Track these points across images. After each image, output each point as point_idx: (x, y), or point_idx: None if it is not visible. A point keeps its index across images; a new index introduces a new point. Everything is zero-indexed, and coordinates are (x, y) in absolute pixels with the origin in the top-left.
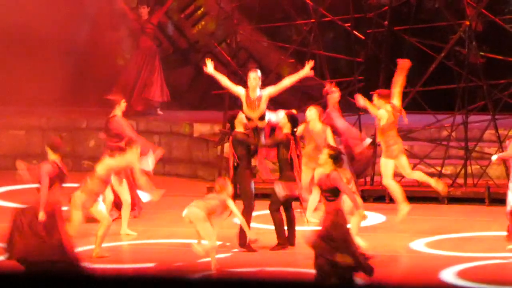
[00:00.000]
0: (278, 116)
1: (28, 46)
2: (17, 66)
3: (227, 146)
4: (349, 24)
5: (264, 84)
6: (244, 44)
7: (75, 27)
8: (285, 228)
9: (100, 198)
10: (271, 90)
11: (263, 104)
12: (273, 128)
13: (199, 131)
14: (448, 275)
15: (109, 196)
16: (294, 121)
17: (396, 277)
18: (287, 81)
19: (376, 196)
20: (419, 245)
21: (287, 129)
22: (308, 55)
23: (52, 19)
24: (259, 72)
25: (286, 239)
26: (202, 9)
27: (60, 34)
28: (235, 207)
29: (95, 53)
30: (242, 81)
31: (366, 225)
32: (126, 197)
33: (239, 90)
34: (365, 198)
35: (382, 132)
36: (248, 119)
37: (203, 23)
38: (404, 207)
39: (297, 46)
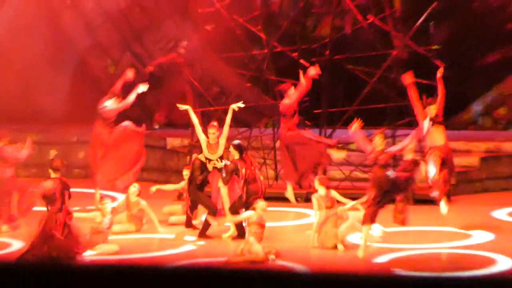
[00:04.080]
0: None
1: (29, 70)
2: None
3: (194, 156)
4: (296, 54)
5: (225, 104)
6: (209, 70)
7: (69, 54)
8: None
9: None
10: (223, 140)
11: (220, 150)
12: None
13: (171, 144)
14: (380, 263)
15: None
16: (240, 149)
17: (335, 266)
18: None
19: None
20: (356, 238)
21: (236, 156)
22: (262, 79)
23: (50, 44)
24: (216, 128)
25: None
26: (173, 41)
27: (55, 60)
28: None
29: (86, 76)
30: (206, 101)
31: (306, 223)
32: None
33: (202, 136)
34: (297, 199)
35: None
36: (208, 159)
37: (173, 53)
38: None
39: (253, 72)
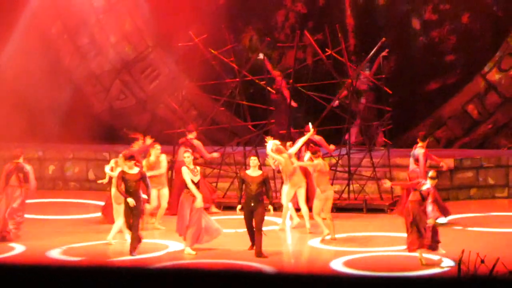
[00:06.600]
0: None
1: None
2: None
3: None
4: (264, 82)
5: (201, 126)
6: (188, 96)
7: (66, 82)
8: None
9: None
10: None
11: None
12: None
13: None
14: (336, 264)
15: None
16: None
17: (297, 267)
18: None
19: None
20: (316, 242)
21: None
22: (234, 104)
23: (49, 74)
24: (190, 152)
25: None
26: (157, 70)
27: (53, 87)
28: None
29: (80, 101)
30: (185, 123)
31: (274, 228)
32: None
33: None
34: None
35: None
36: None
37: (157, 81)
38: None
39: (226, 98)
